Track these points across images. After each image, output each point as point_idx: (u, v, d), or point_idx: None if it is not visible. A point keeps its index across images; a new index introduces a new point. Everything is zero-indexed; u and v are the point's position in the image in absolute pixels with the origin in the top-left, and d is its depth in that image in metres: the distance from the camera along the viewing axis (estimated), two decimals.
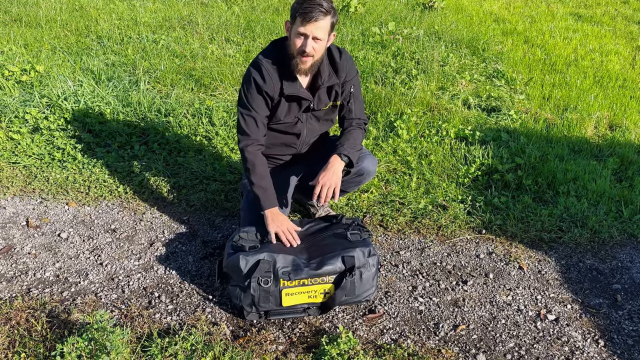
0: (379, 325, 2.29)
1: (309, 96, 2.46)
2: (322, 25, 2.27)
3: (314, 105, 2.51)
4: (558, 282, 2.59)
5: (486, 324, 2.31)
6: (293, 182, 2.77)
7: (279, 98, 2.44)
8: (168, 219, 2.99)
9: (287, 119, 2.52)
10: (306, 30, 2.25)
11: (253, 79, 2.40)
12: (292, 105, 2.49)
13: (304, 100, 2.48)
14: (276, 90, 2.41)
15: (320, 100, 2.52)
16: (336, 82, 2.48)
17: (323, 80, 2.44)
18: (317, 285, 2.28)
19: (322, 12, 2.23)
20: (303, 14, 2.23)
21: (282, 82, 2.40)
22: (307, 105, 2.50)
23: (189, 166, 3.40)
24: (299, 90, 2.42)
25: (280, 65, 2.40)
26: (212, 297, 2.41)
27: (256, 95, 2.42)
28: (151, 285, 2.48)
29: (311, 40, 2.28)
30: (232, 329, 2.24)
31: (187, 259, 2.67)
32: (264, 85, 2.39)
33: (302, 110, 2.52)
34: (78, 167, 3.40)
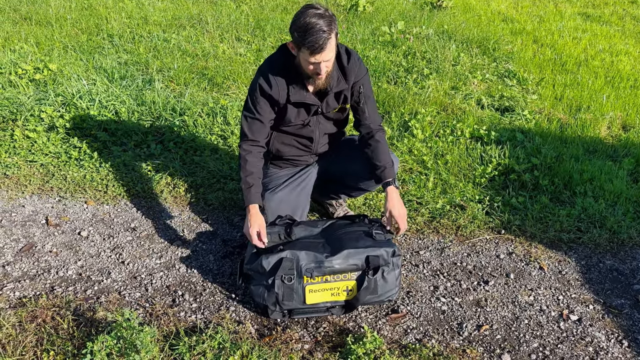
0: (402, 325, 2.29)
1: (316, 102, 2.46)
2: (331, 48, 2.20)
3: (322, 109, 2.51)
4: (579, 283, 2.59)
5: (509, 324, 2.32)
6: (311, 183, 2.77)
7: (286, 104, 2.44)
8: (187, 218, 3.00)
9: (297, 121, 2.53)
10: (317, 60, 2.21)
11: (259, 85, 2.40)
12: (300, 111, 2.49)
13: (312, 106, 2.48)
14: (282, 96, 2.41)
15: (329, 104, 2.51)
16: (345, 87, 2.47)
17: (332, 86, 2.43)
18: (340, 282, 2.29)
19: (327, 38, 2.15)
20: (310, 47, 2.15)
21: (288, 88, 2.39)
22: (315, 109, 2.50)
23: (206, 165, 3.41)
24: (305, 96, 2.42)
25: (287, 71, 2.38)
26: (235, 295, 2.42)
27: (261, 99, 2.42)
28: (174, 284, 2.49)
29: (323, 63, 2.24)
30: (257, 327, 2.25)
31: (208, 258, 2.68)
32: (270, 91, 2.39)
33: (311, 115, 2.52)
34: (95, 166, 3.40)
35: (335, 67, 2.44)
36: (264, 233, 2.32)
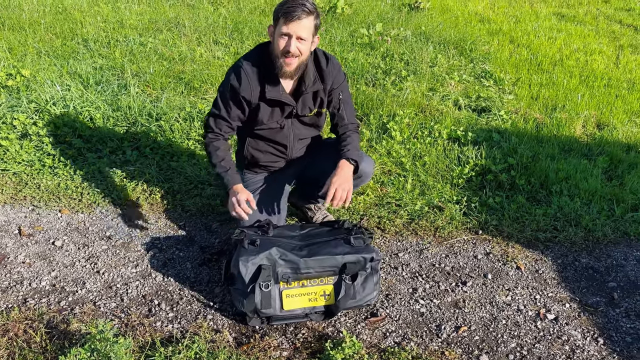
0: (381, 329, 2.29)
1: (291, 101, 2.45)
2: (306, 25, 2.25)
3: (297, 110, 2.50)
4: (555, 282, 2.62)
5: (487, 325, 2.33)
6: (288, 187, 2.76)
7: (259, 102, 2.43)
8: (164, 225, 2.96)
9: (271, 123, 2.51)
10: (289, 30, 2.24)
11: (230, 83, 2.41)
12: (275, 110, 2.48)
13: (286, 106, 2.47)
14: (255, 94, 2.40)
15: (305, 105, 2.51)
16: (320, 87, 2.47)
17: (307, 86, 2.43)
18: (317, 287, 2.28)
19: (305, 12, 2.22)
20: (286, 14, 2.22)
21: (263, 86, 2.39)
22: (290, 110, 2.49)
23: (183, 171, 3.38)
24: (280, 94, 2.41)
25: (262, 68, 2.39)
26: (212, 303, 2.40)
27: (230, 98, 2.43)
28: (150, 293, 2.45)
29: (295, 40, 2.26)
30: (235, 335, 2.22)
31: (186, 265, 2.65)
32: (240, 89, 2.39)
33: (285, 116, 2.51)
34: (69, 174, 3.35)
35: (313, 69, 2.44)
36: (253, 201, 2.40)
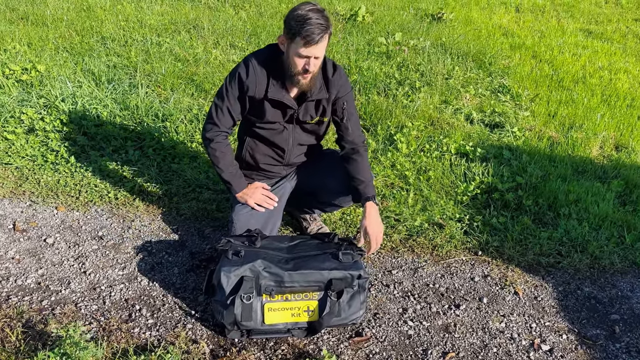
0: (365, 349, 2.20)
1: (293, 104, 2.41)
2: (324, 45, 2.23)
3: (299, 115, 2.45)
4: (554, 310, 2.49)
5: (477, 352, 2.22)
6: (286, 195, 2.70)
7: (262, 100, 2.39)
8: (157, 228, 2.93)
9: (273, 121, 2.47)
10: (309, 53, 2.21)
11: (238, 74, 2.38)
12: (276, 112, 2.44)
13: (288, 109, 2.42)
14: (260, 90, 2.37)
15: (307, 112, 2.46)
16: (325, 96, 2.42)
17: (312, 93, 2.38)
18: (301, 302, 2.21)
19: (323, 32, 2.17)
20: (306, 37, 2.15)
21: (268, 85, 2.35)
22: (291, 113, 2.44)
23: (183, 173, 3.34)
24: (283, 96, 2.37)
25: (270, 68, 2.36)
26: (194, 312, 2.34)
27: (236, 89, 2.40)
28: (133, 297, 2.41)
29: (313, 59, 2.23)
30: (212, 347, 2.16)
31: (173, 271, 2.60)
32: (247, 82, 2.36)
33: (286, 120, 2.46)
34: (70, 170, 3.34)
35: (320, 77, 2.40)
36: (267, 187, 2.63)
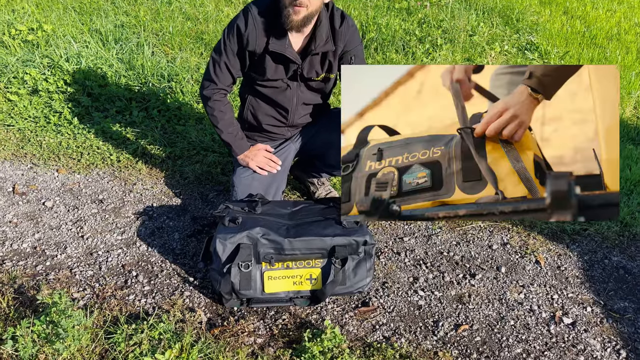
0: (371, 320, 2.06)
1: (296, 58, 2.22)
2: None
3: (303, 71, 2.26)
4: (579, 281, 2.31)
5: (492, 325, 2.07)
6: (290, 158, 2.54)
7: (263, 54, 2.21)
8: (159, 191, 2.81)
9: (275, 78, 2.30)
10: None
11: (236, 26, 2.20)
12: (279, 68, 2.26)
13: (291, 63, 2.24)
14: (260, 44, 2.19)
15: (312, 67, 2.27)
16: (331, 49, 2.23)
17: (317, 45, 2.19)
18: (303, 270, 2.07)
19: None
20: None
21: (269, 37, 2.17)
22: (295, 69, 2.26)
23: (188, 135, 3.20)
24: (285, 49, 2.19)
25: (271, 18, 2.17)
26: (193, 279, 2.23)
27: (235, 43, 2.23)
28: (130, 263, 2.31)
29: None
30: (210, 316, 2.05)
31: (173, 236, 2.48)
32: (247, 34, 2.18)
33: (289, 76, 2.28)
34: (73, 132, 3.23)
35: (327, 27, 2.22)
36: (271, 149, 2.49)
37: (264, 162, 2.42)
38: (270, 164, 2.42)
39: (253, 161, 2.41)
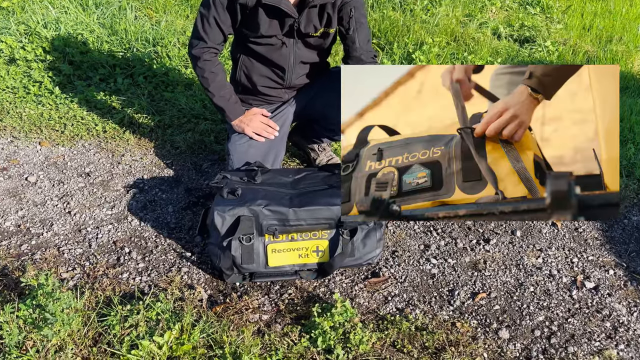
0: (382, 292, 1.94)
1: (293, 12, 2.04)
2: None
3: (299, 25, 2.08)
4: (598, 243, 2.19)
5: (511, 292, 1.95)
6: (288, 123, 2.38)
7: (256, 7, 2.03)
8: (149, 163, 2.64)
9: (270, 34, 2.11)
10: None
11: None
12: (273, 23, 2.07)
13: (287, 18, 2.05)
14: None
15: (309, 22, 2.09)
16: (330, 1, 2.05)
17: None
18: (309, 242, 1.93)
19: None
20: None
21: None
22: (291, 24, 2.07)
23: (177, 102, 3.02)
24: (280, 1, 2.00)
25: None
26: (190, 254, 2.08)
27: None
28: (122, 239, 2.16)
29: None
30: (211, 293, 1.91)
31: (167, 209, 2.33)
32: None
33: (285, 32, 2.10)
34: (55, 102, 3.03)
35: None
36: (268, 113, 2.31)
37: (260, 127, 2.25)
38: (267, 130, 2.26)
39: (249, 127, 2.24)
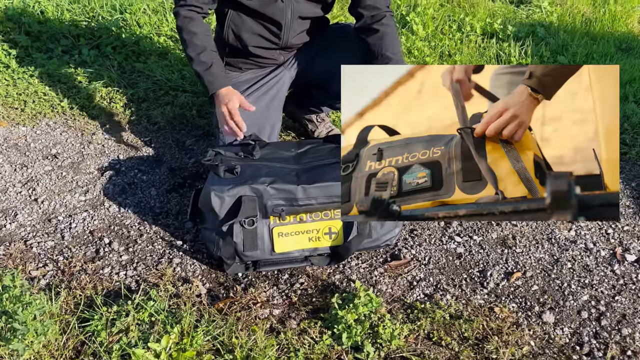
0: (406, 276, 1.71)
1: None
2: None
3: None
4: (631, 211, 2.01)
5: (548, 270, 1.74)
6: (284, 90, 2.10)
7: None
8: (125, 141, 2.34)
9: None
10: None
11: None
12: None
13: None
14: None
15: None
16: None
17: None
18: (320, 223, 1.69)
19: None
20: None
21: None
22: None
23: (151, 74, 2.70)
24: None
25: None
26: (181, 242, 1.81)
27: None
28: (100, 228, 1.86)
29: None
30: (210, 286, 1.65)
31: (149, 192, 2.04)
32: None
33: None
34: (12, 78, 2.68)
35: None
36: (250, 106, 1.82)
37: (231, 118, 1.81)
38: (231, 125, 1.81)
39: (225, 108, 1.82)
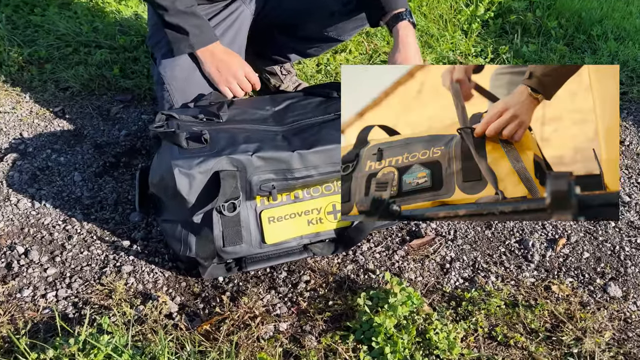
0: (434, 258, 1.34)
1: None
2: None
3: None
4: None
5: (593, 233, 1.45)
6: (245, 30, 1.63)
7: None
8: (28, 113, 1.77)
9: None
10: None
11: None
12: None
13: None
14: None
15: None
16: None
17: None
18: (320, 200, 1.28)
19: None
20: None
21: None
22: None
23: (53, 27, 2.10)
24: None
25: None
26: (130, 243, 1.32)
27: None
28: (8, 234, 1.33)
29: None
30: (182, 300, 1.19)
31: (71, 178, 1.52)
32: None
33: None
34: None
35: None
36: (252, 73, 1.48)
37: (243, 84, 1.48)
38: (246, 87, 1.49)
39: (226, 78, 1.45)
